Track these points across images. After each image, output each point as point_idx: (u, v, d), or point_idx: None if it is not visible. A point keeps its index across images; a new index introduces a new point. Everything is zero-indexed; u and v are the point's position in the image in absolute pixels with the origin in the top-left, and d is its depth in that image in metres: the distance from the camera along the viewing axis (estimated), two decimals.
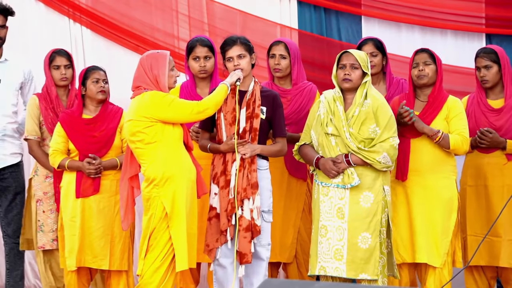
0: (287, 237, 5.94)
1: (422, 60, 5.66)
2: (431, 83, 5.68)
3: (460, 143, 5.60)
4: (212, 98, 5.32)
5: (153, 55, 5.34)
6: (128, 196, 5.44)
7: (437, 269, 5.59)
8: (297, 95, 5.93)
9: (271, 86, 5.97)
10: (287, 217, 5.93)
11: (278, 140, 5.54)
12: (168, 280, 5.27)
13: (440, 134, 5.57)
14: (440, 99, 5.66)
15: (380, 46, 6.01)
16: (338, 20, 6.92)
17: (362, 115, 5.34)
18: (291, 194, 5.90)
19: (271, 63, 5.96)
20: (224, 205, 5.38)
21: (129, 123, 5.28)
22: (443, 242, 5.59)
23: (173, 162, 5.27)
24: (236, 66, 5.43)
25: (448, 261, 5.61)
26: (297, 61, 5.94)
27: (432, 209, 5.61)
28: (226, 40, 5.51)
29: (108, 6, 6.99)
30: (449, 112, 5.64)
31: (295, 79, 5.96)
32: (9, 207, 6.24)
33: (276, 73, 5.97)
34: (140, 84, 5.30)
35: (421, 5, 6.71)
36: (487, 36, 6.70)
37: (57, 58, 6.07)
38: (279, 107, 5.51)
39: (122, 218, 5.45)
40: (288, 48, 5.92)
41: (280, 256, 5.96)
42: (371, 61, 5.97)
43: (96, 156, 5.78)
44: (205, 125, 5.56)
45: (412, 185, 5.63)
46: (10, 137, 6.26)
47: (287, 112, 5.86)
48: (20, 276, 6.29)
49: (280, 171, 5.92)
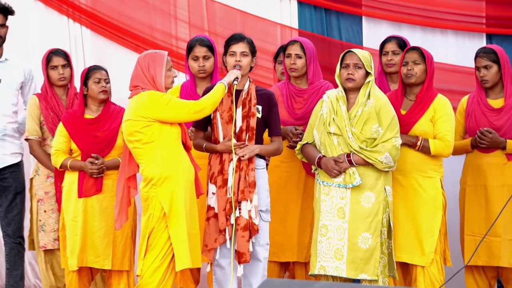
0: (304, 237, 5.91)
1: (411, 59, 5.66)
2: (419, 82, 5.68)
3: (441, 148, 5.60)
4: (209, 97, 5.31)
5: (150, 55, 5.34)
6: (124, 196, 5.43)
7: (425, 268, 5.60)
8: (313, 94, 5.90)
9: (287, 85, 5.96)
10: (304, 217, 5.90)
11: (274, 139, 5.54)
12: (167, 280, 5.27)
13: (419, 143, 5.59)
14: (427, 99, 5.66)
15: (403, 45, 6.00)
16: (339, 20, 6.92)
17: (365, 115, 5.35)
18: (308, 193, 5.86)
19: (287, 62, 5.94)
20: (222, 205, 5.38)
21: (127, 123, 5.27)
22: (428, 241, 5.59)
23: (171, 162, 5.27)
24: (237, 62, 5.43)
25: (436, 259, 5.62)
26: (313, 60, 5.91)
27: (415, 208, 5.62)
28: (233, 35, 5.52)
29: (107, 6, 6.99)
30: (435, 113, 5.64)
31: (311, 78, 5.93)
32: (9, 207, 6.22)
33: (292, 72, 5.94)
34: (138, 83, 5.30)
35: (422, 4, 6.72)
36: (487, 36, 6.71)
37: (54, 58, 6.06)
38: (274, 106, 5.51)
39: (115, 217, 5.44)
40: (304, 47, 5.89)
41: (298, 256, 5.93)
42: (391, 60, 6.00)
43: (98, 156, 5.77)
44: (199, 124, 5.54)
45: (395, 185, 5.62)
46: (10, 137, 6.25)
47: (303, 111, 5.87)
48: (20, 276, 6.27)
49: (298, 171, 5.92)
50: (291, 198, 5.86)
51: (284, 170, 5.90)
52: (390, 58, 6.01)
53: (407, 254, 5.62)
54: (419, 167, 5.64)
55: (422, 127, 5.63)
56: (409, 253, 5.61)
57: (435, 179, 5.67)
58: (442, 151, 5.61)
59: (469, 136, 5.88)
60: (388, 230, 5.42)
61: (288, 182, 5.88)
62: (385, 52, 6.06)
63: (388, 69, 6.05)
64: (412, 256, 5.61)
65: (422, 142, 5.59)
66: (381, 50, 6.09)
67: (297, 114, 5.92)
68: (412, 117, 5.65)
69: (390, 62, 6.02)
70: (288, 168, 5.78)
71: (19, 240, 6.24)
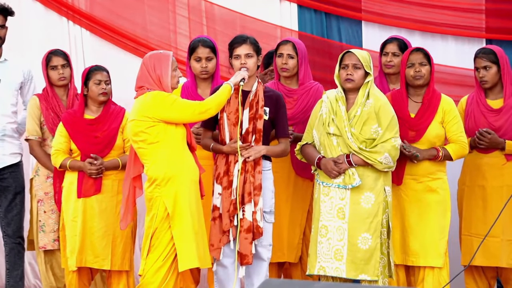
0: (294, 237, 5.93)
1: (418, 61, 5.66)
2: (426, 84, 5.70)
3: (460, 151, 5.65)
4: (214, 98, 5.31)
5: (156, 55, 5.34)
6: (129, 196, 5.43)
7: (435, 270, 5.59)
8: (303, 94, 5.91)
9: (277, 85, 5.95)
10: (294, 217, 5.92)
11: (281, 140, 5.54)
12: (169, 280, 5.27)
13: (440, 154, 5.61)
14: (435, 101, 5.67)
15: (404, 47, 6.00)
16: (338, 22, 6.92)
17: (364, 115, 5.35)
18: (298, 194, 5.89)
19: (278, 62, 5.93)
20: (226, 206, 5.38)
21: (132, 123, 5.28)
22: (441, 242, 5.60)
23: (176, 162, 5.27)
24: (243, 64, 5.43)
25: (446, 261, 5.63)
26: (305, 61, 5.92)
27: (428, 211, 5.62)
28: (236, 37, 5.52)
29: (106, 8, 6.99)
30: (445, 115, 5.65)
31: (301, 79, 5.94)
32: (9, 207, 6.22)
33: (283, 72, 5.93)
34: (143, 84, 5.30)
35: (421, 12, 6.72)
36: (487, 42, 6.73)
37: (53, 59, 6.07)
38: (282, 107, 5.51)
39: (121, 217, 5.45)
40: (296, 47, 5.89)
41: (288, 256, 5.94)
42: (391, 61, 6.02)
43: (97, 156, 5.77)
44: (207, 123, 5.55)
45: (406, 189, 5.64)
46: (9, 137, 6.25)
47: (294, 111, 5.86)
48: (20, 276, 6.26)
49: (287, 171, 5.92)
50: (280, 198, 5.81)
51: (273, 170, 5.88)
52: (389, 60, 6.03)
53: (423, 258, 5.60)
54: (429, 169, 5.65)
55: (435, 130, 5.63)
56: (424, 257, 5.60)
57: (443, 179, 5.68)
58: (462, 154, 5.67)
59: (468, 136, 5.87)
60: (387, 230, 5.42)
61: (278, 182, 5.82)
62: (385, 53, 6.07)
63: (387, 70, 6.06)
64: (427, 259, 5.60)
65: (443, 152, 5.61)
66: (382, 50, 6.10)
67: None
68: (424, 121, 5.65)
69: (389, 63, 6.03)
70: (277, 169, 5.74)
71: (19, 240, 6.23)
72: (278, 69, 5.95)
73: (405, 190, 5.63)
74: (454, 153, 5.63)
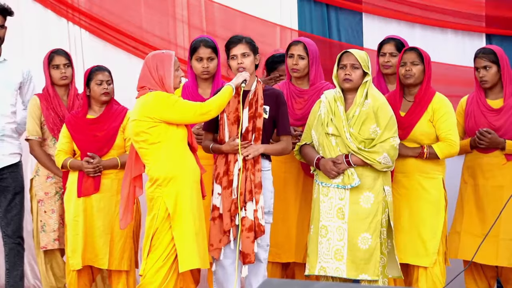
0: (303, 237, 5.88)
1: (410, 60, 5.65)
2: (418, 83, 5.67)
3: (447, 149, 5.60)
4: (216, 99, 5.30)
5: (158, 55, 5.33)
6: (129, 196, 5.44)
7: (428, 269, 5.59)
8: (314, 95, 5.86)
9: (288, 85, 5.93)
10: (303, 218, 5.87)
11: (282, 138, 5.53)
12: (170, 281, 5.28)
13: (425, 150, 5.58)
14: (426, 100, 5.65)
15: (401, 47, 5.97)
16: (339, 18, 6.90)
17: (363, 115, 5.35)
18: (307, 194, 5.83)
19: (289, 63, 5.90)
20: (227, 205, 5.39)
21: (133, 123, 5.28)
22: (432, 241, 5.58)
23: (177, 163, 5.27)
24: (240, 64, 5.42)
25: (439, 260, 5.62)
26: (316, 61, 5.88)
27: (419, 209, 5.61)
28: (231, 38, 5.51)
29: (106, 9, 6.99)
30: (434, 113, 5.63)
31: (312, 79, 5.90)
32: (8, 207, 6.23)
33: (294, 73, 5.90)
34: (145, 84, 5.30)
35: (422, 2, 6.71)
36: (487, 36, 6.70)
37: (56, 58, 6.09)
38: (283, 105, 5.49)
39: (120, 216, 5.46)
40: (307, 48, 5.86)
41: (296, 257, 5.92)
42: (389, 61, 6.00)
43: (94, 155, 5.77)
44: (209, 126, 5.54)
45: (398, 187, 5.63)
46: (8, 137, 6.26)
47: (304, 112, 5.84)
48: (20, 276, 6.28)
49: (296, 171, 5.91)
50: (289, 199, 5.85)
51: (282, 170, 5.89)
52: (387, 60, 6.01)
53: (411, 256, 5.61)
54: (422, 168, 5.64)
55: (422, 128, 5.62)
56: (413, 255, 5.60)
57: (438, 179, 5.66)
58: (449, 152, 5.61)
59: (468, 136, 5.88)
60: (388, 230, 5.41)
61: (287, 183, 5.87)
62: (382, 53, 6.06)
63: (385, 70, 6.05)
64: (416, 258, 5.60)
65: (428, 150, 5.59)
66: (379, 51, 6.08)
67: (297, 114, 5.90)
68: (412, 119, 5.64)
69: (387, 63, 6.01)
70: (286, 169, 5.77)
71: (18, 241, 6.25)
72: (289, 69, 5.93)
73: (398, 188, 5.62)
74: (440, 151, 5.59)
